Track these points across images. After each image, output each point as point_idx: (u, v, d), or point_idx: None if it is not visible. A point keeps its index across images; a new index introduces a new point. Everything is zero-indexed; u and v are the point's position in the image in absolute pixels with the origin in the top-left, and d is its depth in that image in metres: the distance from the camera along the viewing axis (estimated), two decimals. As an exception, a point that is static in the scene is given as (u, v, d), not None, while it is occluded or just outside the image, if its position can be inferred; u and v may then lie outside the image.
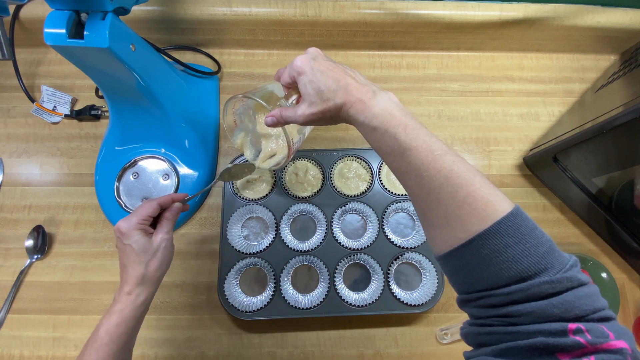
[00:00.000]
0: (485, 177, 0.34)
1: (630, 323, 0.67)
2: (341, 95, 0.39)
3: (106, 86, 0.58)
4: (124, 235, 0.45)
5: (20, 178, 0.70)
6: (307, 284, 0.64)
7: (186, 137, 0.67)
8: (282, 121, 0.45)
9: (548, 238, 0.31)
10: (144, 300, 0.46)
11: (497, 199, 0.32)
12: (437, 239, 0.35)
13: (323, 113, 0.41)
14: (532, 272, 0.29)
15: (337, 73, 0.40)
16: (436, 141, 0.35)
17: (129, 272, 0.45)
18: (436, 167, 0.34)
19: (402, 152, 0.36)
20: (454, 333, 0.64)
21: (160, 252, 0.47)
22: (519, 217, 0.31)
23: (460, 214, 0.32)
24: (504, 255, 0.30)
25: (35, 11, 0.70)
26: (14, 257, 0.66)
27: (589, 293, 0.29)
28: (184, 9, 0.71)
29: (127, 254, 0.45)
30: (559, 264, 0.29)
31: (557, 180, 0.69)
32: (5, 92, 0.75)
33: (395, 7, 0.72)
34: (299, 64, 0.42)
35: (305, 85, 0.41)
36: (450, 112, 0.78)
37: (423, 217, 0.36)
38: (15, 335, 0.62)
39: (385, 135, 0.37)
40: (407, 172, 0.36)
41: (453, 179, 0.33)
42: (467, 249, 0.32)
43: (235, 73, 0.78)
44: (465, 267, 0.32)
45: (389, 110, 0.37)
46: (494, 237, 0.30)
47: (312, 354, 0.63)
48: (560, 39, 0.78)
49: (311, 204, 0.67)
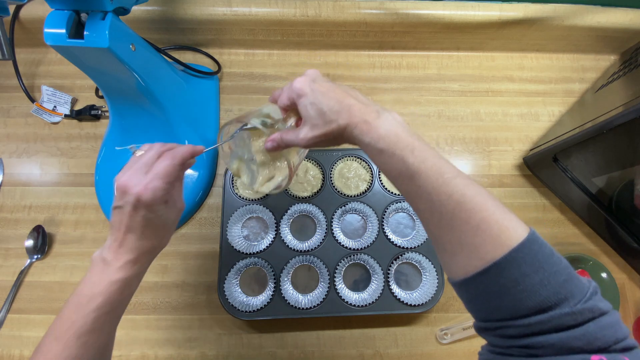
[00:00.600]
0: (497, 199, 0.33)
1: (630, 323, 0.67)
2: (344, 116, 0.38)
3: (106, 86, 0.58)
4: (148, 208, 0.38)
5: (20, 178, 0.70)
6: (307, 284, 0.64)
7: (186, 137, 0.67)
8: (283, 145, 0.43)
9: (566, 264, 0.30)
10: (145, 268, 0.42)
11: (512, 224, 0.31)
12: (452, 265, 0.34)
13: (326, 135, 0.39)
14: (552, 303, 0.28)
15: (339, 94, 0.39)
16: (445, 163, 0.35)
17: (140, 242, 0.39)
18: (447, 191, 0.33)
19: (410, 175, 0.35)
20: (454, 333, 0.64)
21: (175, 223, 0.43)
22: (535, 243, 0.30)
23: (475, 241, 0.31)
24: (522, 284, 0.29)
25: (35, 11, 0.70)
26: (14, 257, 0.66)
27: (611, 322, 0.28)
28: (184, 9, 0.71)
29: (142, 225, 0.39)
30: (579, 292, 0.29)
31: (557, 180, 0.69)
32: (5, 92, 0.75)
33: (395, 7, 0.72)
34: (298, 86, 0.40)
35: (306, 108, 0.40)
36: (450, 112, 0.78)
37: (436, 243, 0.36)
38: (15, 335, 0.62)
39: (392, 158, 0.36)
40: (417, 196, 0.35)
41: (466, 204, 0.32)
42: (483, 277, 0.31)
43: (235, 73, 0.78)
44: (482, 296, 0.32)
45: (395, 132, 0.36)
46: (511, 265, 0.29)
47: (312, 354, 0.63)
48: (560, 39, 0.78)
49: (311, 204, 0.67)
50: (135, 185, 0.38)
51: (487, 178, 0.74)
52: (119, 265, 0.39)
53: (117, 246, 0.39)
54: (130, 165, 0.40)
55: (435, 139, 0.76)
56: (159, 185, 0.38)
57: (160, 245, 0.42)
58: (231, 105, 0.76)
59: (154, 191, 0.38)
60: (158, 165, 0.39)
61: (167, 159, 0.40)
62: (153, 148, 0.41)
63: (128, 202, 0.38)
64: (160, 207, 0.39)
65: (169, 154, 0.40)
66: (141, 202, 0.38)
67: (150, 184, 0.38)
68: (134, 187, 0.38)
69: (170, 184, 0.39)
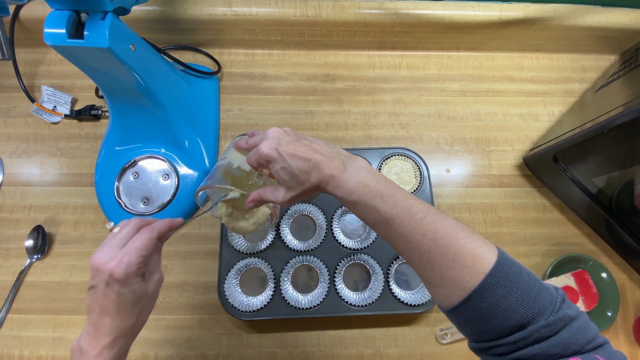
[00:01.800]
0: (465, 227, 0.36)
1: (630, 323, 0.67)
2: (315, 175, 0.39)
3: (106, 86, 0.58)
4: (121, 283, 0.37)
5: (20, 178, 0.70)
6: (307, 284, 0.64)
7: (186, 137, 0.67)
8: (265, 202, 0.45)
9: (534, 278, 0.34)
10: (126, 351, 0.39)
11: (481, 251, 0.34)
12: (439, 296, 0.37)
13: (303, 193, 0.41)
14: (529, 318, 0.32)
15: (305, 152, 0.40)
16: (414, 203, 0.37)
17: (116, 322, 0.37)
18: (421, 231, 0.35)
19: (385, 222, 0.37)
20: (454, 333, 0.64)
21: (154, 297, 0.41)
22: (505, 264, 0.33)
23: (453, 274, 0.34)
24: (502, 306, 0.32)
25: (35, 11, 0.70)
26: (14, 257, 0.66)
27: (580, 326, 0.32)
28: (184, 9, 0.71)
29: (116, 303, 0.37)
30: (550, 304, 0.32)
31: (557, 180, 0.69)
32: (5, 92, 0.75)
33: (395, 7, 0.72)
34: (265, 152, 0.40)
35: (278, 173, 0.41)
36: (450, 112, 0.78)
37: (422, 278, 0.38)
38: (15, 335, 0.62)
39: (365, 208, 0.38)
40: (395, 239, 0.38)
41: (439, 241, 0.35)
42: (467, 304, 0.34)
43: (235, 73, 0.78)
44: (470, 321, 0.35)
45: (363, 182, 0.38)
46: (488, 290, 0.33)
47: (312, 354, 0.63)
48: (560, 39, 0.78)
49: (311, 204, 0.67)
50: (108, 261, 0.37)
51: (487, 178, 0.74)
52: (95, 353, 0.37)
53: (92, 330, 0.37)
54: (106, 242, 0.39)
55: (435, 139, 0.76)
56: (133, 258, 0.37)
57: (138, 323, 0.40)
58: (231, 105, 0.76)
59: (128, 265, 0.37)
60: (135, 240, 0.38)
61: (145, 233, 0.39)
62: (130, 223, 0.40)
63: (101, 279, 0.37)
64: (135, 281, 0.38)
65: (146, 229, 0.40)
66: (114, 277, 0.36)
67: (124, 258, 0.37)
68: (106, 263, 0.37)
69: (146, 257, 0.38)
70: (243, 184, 0.48)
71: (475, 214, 0.72)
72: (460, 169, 0.74)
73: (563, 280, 0.65)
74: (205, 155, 0.69)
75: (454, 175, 0.74)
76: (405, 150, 0.70)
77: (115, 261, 0.37)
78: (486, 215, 0.72)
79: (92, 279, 0.38)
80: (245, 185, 0.47)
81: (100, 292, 0.37)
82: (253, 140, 0.44)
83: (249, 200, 0.45)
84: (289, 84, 0.78)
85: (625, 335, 0.66)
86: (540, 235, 0.71)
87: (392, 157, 0.70)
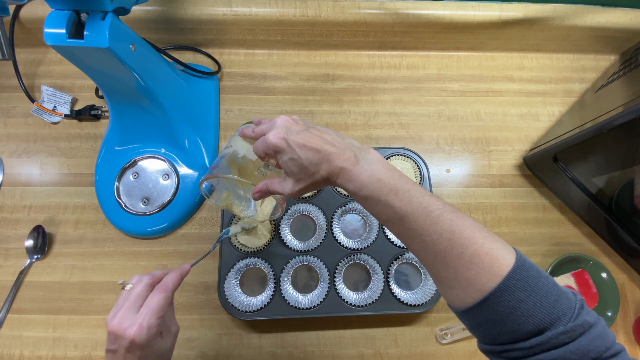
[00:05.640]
0: (483, 227, 0.35)
1: (630, 323, 0.67)
2: (325, 167, 0.37)
3: (106, 86, 0.58)
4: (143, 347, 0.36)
5: (20, 178, 0.70)
6: (307, 284, 0.64)
7: (186, 137, 0.67)
8: (270, 194, 0.44)
9: (553, 282, 0.32)
10: None
11: (500, 252, 0.33)
12: (451, 297, 0.36)
13: (311, 185, 0.40)
14: (547, 324, 0.30)
15: (315, 143, 0.38)
16: (430, 200, 0.35)
17: None
18: (437, 230, 0.34)
19: (399, 219, 0.36)
20: (454, 333, 0.64)
21: (172, 348, 0.41)
22: (523, 267, 0.32)
23: (469, 275, 0.33)
24: (519, 310, 0.31)
25: (35, 11, 0.70)
26: (14, 257, 0.66)
27: (599, 333, 0.31)
28: (184, 9, 0.71)
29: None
30: (569, 310, 0.31)
31: (557, 180, 0.69)
32: (5, 92, 0.75)
33: (395, 7, 0.72)
34: (273, 142, 0.38)
35: (286, 164, 0.39)
36: (450, 112, 0.78)
37: (434, 277, 0.37)
38: (15, 335, 0.62)
39: (378, 204, 0.36)
40: (409, 237, 0.36)
41: (455, 240, 0.33)
42: (482, 307, 0.32)
43: (235, 73, 0.78)
44: (484, 324, 0.33)
45: (376, 176, 0.36)
46: (506, 293, 0.31)
47: (312, 354, 0.63)
48: (560, 39, 0.78)
49: (311, 204, 0.67)
50: (128, 327, 0.36)
51: (487, 178, 0.74)
52: None
53: None
54: (120, 303, 0.39)
55: (435, 139, 0.76)
56: (153, 321, 0.37)
57: None
58: (231, 105, 0.76)
59: (149, 329, 0.37)
60: (150, 301, 0.38)
61: (159, 292, 0.39)
62: (142, 281, 0.40)
63: (122, 345, 0.36)
64: (155, 342, 0.38)
65: (160, 287, 0.40)
66: (136, 343, 0.36)
67: (144, 323, 0.37)
68: (126, 329, 0.36)
69: (163, 317, 0.38)
70: (249, 173, 0.46)
71: (475, 214, 0.72)
72: (460, 169, 0.74)
73: (563, 280, 0.65)
74: (205, 155, 0.69)
75: (454, 175, 0.74)
76: (405, 150, 0.71)
77: (135, 327, 0.36)
78: (486, 215, 0.72)
79: (111, 344, 0.37)
80: (251, 175, 0.46)
81: (120, 356, 0.37)
82: (260, 129, 0.42)
83: (255, 191, 0.44)
84: (289, 84, 0.78)
85: (625, 335, 0.66)
86: (540, 235, 0.71)
87: (392, 157, 0.70)
